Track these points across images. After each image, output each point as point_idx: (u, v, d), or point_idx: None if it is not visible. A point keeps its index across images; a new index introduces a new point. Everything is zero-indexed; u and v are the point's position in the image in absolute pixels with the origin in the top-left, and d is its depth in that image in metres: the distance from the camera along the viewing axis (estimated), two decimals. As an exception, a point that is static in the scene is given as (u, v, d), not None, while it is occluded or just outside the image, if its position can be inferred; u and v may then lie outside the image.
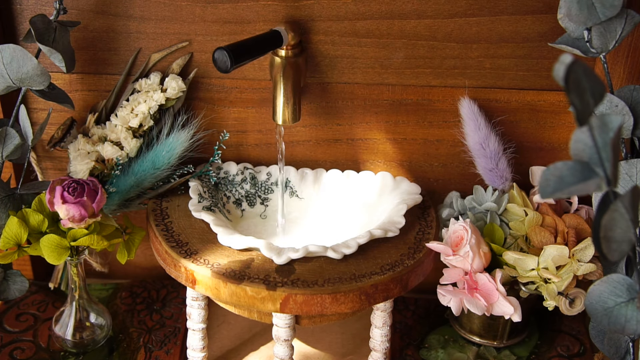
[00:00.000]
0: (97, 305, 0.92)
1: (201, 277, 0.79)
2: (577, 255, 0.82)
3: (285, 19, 0.87)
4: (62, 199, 0.78)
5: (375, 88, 0.91)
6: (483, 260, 0.83)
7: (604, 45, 0.78)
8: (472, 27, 0.86)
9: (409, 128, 0.93)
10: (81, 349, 0.91)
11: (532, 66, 0.88)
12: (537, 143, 0.93)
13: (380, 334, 0.88)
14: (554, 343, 0.95)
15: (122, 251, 0.84)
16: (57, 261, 0.80)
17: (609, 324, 0.70)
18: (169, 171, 0.89)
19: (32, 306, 0.99)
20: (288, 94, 0.86)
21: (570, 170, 0.53)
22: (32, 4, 0.88)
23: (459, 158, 0.94)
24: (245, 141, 0.95)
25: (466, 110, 0.89)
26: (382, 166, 0.96)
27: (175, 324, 0.97)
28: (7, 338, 0.93)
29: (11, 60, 0.78)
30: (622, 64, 0.86)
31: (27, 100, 0.94)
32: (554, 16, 0.82)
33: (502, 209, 0.88)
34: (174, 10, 0.88)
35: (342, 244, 0.81)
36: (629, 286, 0.70)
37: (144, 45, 0.90)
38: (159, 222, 0.86)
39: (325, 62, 0.90)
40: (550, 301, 0.82)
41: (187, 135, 0.89)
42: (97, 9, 0.88)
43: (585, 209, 0.89)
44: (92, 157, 0.87)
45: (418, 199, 0.89)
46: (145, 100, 0.88)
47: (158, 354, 0.92)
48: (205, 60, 0.90)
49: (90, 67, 0.91)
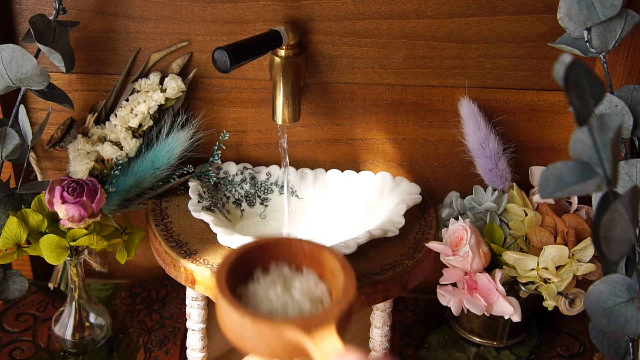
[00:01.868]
0: (97, 305, 0.92)
1: (201, 277, 0.79)
2: (577, 255, 0.82)
3: (285, 19, 0.87)
4: (62, 199, 0.78)
5: (375, 88, 0.91)
6: (483, 260, 0.82)
7: (603, 45, 0.78)
8: (472, 27, 0.86)
9: (408, 128, 0.93)
10: (81, 349, 0.91)
11: (532, 66, 0.88)
12: (537, 143, 0.93)
13: (380, 334, 0.88)
14: (553, 343, 0.95)
15: (122, 251, 0.84)
16: (56, 261, 0.80)
17: (609, 324, 0.70)
18: (169, 171, 0.89)
19: (31, 306, 0.99)
20: (288, 94, 0.86)
21: (570, 170, 0.53)
22: (32, 4, 0.88)
23: (459, 158, 0.94)
24: (245, 141, 0.95)
25: (466, 110, 0.89)
26: (381, 166, 0.96)
27: (175, 324, 0.97)
28: (6, 338, 0.93)
29: (11, 60, 0.78)
30: (622, 64, 0.85)
31: (27, 100, 0.94)
32: (554, 16, 0.82)
33: (501, 209, 0.88)
34: (174, 10, 0.88)
35: (341, 244, 0.81)
36: (628, 286, 0.70)
37: (143, 45, 0.90)
38: (159, 222, 0.86)
39: (325, 62, 0.90)
40: (550, 301, 0.82)
41: (186, 135, 0.89)
42: (97, 8, 0.88)
43: (585, 209, 0.89)
44: (92, 157, 0.87)
45: (418, 199, 0.89)
46: (144, 100, 0.88)
47: (158, 354, 0.92)
48: (204, 60, 0.90)
49: (89, 67, 0.91)
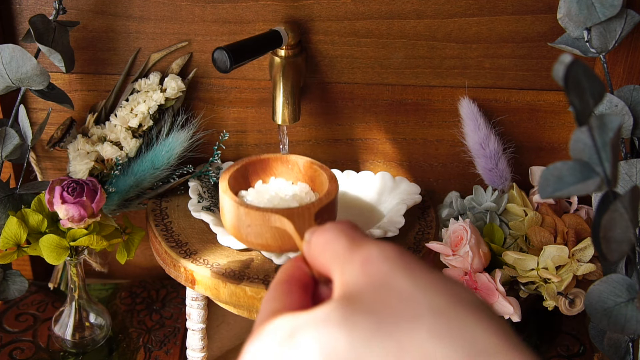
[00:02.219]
0: (97, 305, 0.92)
1: (201, 277, 0.79)
2: (577, 255, 0.82)
3: (285, 19, 0.87)
4: (62, 199, 0.78)
5: (374, 88, 0.91)
6: (483, 260, 0.82)
7: (603, 45, 0.78)
8: (471, 27, 0.86)
9: (408, 128, 0.93)
10: (81, 349, 0.91)
11: (532, 66, 0.88)
12: (537, 143, 0.93)
13: (380, 334, 0.88)
14: (553, 343, 0.95)
15: (122, 251, 0.84)
16: (56, 261, 0.80)
17: (609, 324, 0.70)
18: (169, 171, 0.89)
19: (31, 306, 0.99)
20: (288, 94, 0.86)
21: (569, 170, 0.53)
22: (32, 4, 0.88)
23: (459, 158, 0.94)
24: (245, 141, 0.95)
25: (466, 110, 0.89)
26: (381, 166, 0.96)
27: (174, 324, 0.97)
28: (6, 338, 0.93)
29: (10, 60, 0.78)
30: (622, 64, 0.85)
31: (27, 100, 0.94)
32: (554, 16, 0.82)
33: (501, 209, 0.88)
34: (174, 10, 0.88)
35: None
36: (628, 286, 0.70)
37: (143, 45, 0.90)
38: (159, 222, 0.86)
39: (325, 62, 0.90)
40: (550, 301, 0.82)
41: (186, 135, 0.89)
42: (97, 9, 0.88)
43: (585, 209, 0.89)
44: (92, 157, 0.87)
45: (418, 199, 0.89)
46: (144, 100, 0.88)
47: (158, 354, 0.92)
48: (204, 60, 0.90)
49: (89, 67, 0.91)
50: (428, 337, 0.32)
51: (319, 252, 0.40)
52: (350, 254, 0.37)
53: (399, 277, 0.35)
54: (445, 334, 0.32)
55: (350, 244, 0.38)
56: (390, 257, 0.36)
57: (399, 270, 0.35)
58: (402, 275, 0.35)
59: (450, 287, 0.35)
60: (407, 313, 0.33)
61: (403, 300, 0.34)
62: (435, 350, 0.31)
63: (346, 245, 0.38)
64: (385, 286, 0.34)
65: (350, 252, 0.37)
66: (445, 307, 0.33)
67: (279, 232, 0.58)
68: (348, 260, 0.37)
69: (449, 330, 0.32)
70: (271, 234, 0.58)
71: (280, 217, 0.56)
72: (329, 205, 0.60)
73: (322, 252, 0.40)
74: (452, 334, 0.32)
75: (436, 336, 0.32)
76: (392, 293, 0.34)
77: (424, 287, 0.34)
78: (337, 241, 0.39)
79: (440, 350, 0.31)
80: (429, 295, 0.34)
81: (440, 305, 0.33)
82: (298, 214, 0.56)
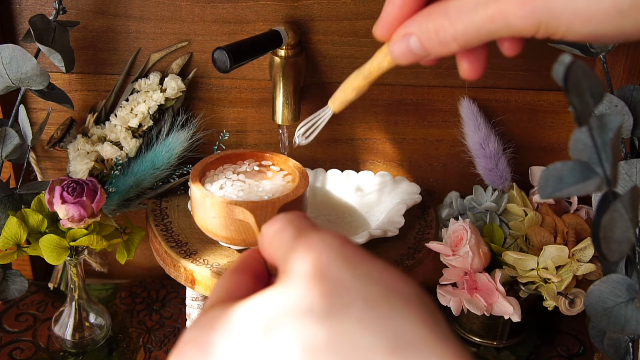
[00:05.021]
0: (97, 305, 0.92)
1: (201, 277, 0.79)
2: (577, 255, 0.82)
3: (285, 18, 0.87)
4: (62, 199, 0.77)
5: (374, 88, 0.91)
6: (483, 260, 0.82)
7: (603, 45, 0.78)
8: (471, 27, 0.86)
9: (408, 128, 0.93)
10: (81, 349, 0.91)
11: (532, 66, 0.88)
12: (537, 143, 0.93)
13: (380, 334, 0.88)
14: (553, 343, 0.95)
15: (122, 251, 0.84)
16: (56, 261, 0.80)
17: (609, 324, 0.70)
18: (169, 171, 0.89)
19: (31, 306, 0.99)
20: (288, 94, 0.86)
21: (569, 170, 0.53)
22: (32, 4, 0.88)
23: (459, 158, 0.94)
24: (245, 141, 0.95)
25: (466, 110, 0.89)
26: (381, 166, 0.96)
27: (174, 324, 0.97)
28: (6, 338, 0.93)
29: (10, 60, 0.78)
30: (622, 64, 0.85)
31: (27, 100, 0.94)
32: (554, 16, 0.82)
33: (501, 209, 0.88)
34: (174, 10, 0.88)
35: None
36: (628, 286, 0.70)
37: (143, 45, 0.90)
38: (159, 222, 0.86)
39: (325, 62, 0.90)
40: (550, 301, 0.82)
41: (186, 135, 0.89)
42: (97, 8, 0.88)
43: (585, 209, 0.89)
44: (92, 157, 0.87)
45: (417, 199, 0.89)
46: (144, 100, 0.88)
47: (157, 354, 0.92)
48: (204, 60, 0.90)
49: (89, 67, 0.91)
50: (357, 326, 0.32)
51: (268, 243, 0.41)
52: (294, 243, 0.38)
53: (337, 266, 0.35)
54: (374, 324, 0.32)
55: (297, 233, 0.39)
56: (331, 246, 0.36)
57: (338, 260, 0.36)
58: (340, 265, 0.35)
59: (388, 278, 0.35)
60: (340, 302, 0.33)
61: (338, 289, 0.34)
62: (361, 340, 0.32)
63: (292, 235, 0.39)
64: (323, 275, 0.35)
65: (295, 242, 0.38)
66: (378, 297, 0.34)
67: (243, 225, 0.58)
68: (292, 249, 0.38)
69: (377, 320, 0.32)
70: (235, 226, 0.59)
71: (243, 209, 0.56)
72: (296, 202, 0.60)
73: (271, 242, 0.41)
74: (380, 323, 0.32)
75: (364, 326, 0.32)
76: (328, 282, 0.34)
77: (361, 277, 0.35)
78: (284, 231, 0.40)
79: (366, 340, 0.32)
80: (364, 285, 0.34)
81: (374, 295, 0.34)
82: (261, 207, 0.56)
